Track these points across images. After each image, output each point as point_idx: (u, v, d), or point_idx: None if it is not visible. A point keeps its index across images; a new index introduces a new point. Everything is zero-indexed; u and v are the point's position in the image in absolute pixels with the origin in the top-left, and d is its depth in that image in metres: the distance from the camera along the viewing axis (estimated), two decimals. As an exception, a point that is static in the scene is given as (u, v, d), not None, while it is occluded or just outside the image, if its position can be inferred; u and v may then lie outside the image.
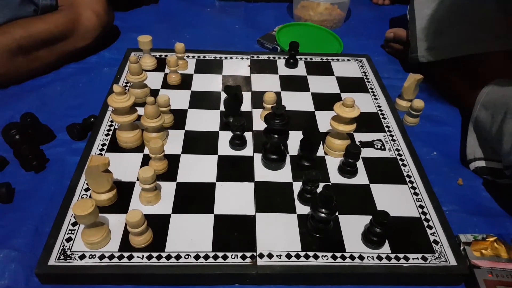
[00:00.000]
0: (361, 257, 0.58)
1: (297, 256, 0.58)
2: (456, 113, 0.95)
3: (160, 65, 0.96)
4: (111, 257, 0.56)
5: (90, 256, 0.56)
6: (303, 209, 0.65)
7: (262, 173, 0.70)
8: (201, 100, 0.86)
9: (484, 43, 0.90)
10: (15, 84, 0.93)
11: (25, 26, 0.90)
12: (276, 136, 0.67)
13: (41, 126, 0.79)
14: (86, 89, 0.95)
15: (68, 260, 0.55)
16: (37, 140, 0.77)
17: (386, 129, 0.82)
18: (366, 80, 0.96)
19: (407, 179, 0.71)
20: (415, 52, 0.99)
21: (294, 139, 0.74)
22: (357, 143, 0.78)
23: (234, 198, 0.66)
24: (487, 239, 0.62)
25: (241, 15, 1.33)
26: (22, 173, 0.73)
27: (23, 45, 0.89)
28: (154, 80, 0.91)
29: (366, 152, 0.76)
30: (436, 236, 0.62)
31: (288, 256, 0.58)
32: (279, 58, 1.02)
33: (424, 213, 0.65)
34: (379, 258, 0.58)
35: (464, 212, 0.71)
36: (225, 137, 0.77)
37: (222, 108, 0.84)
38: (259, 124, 0.80)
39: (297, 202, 0.66)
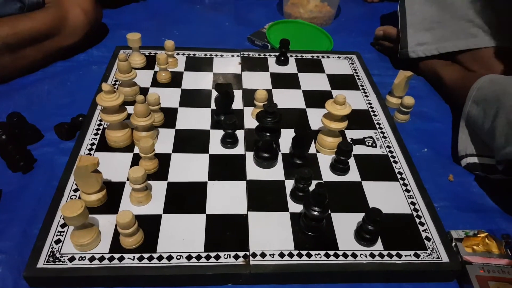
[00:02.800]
0: (354, 255, 0.58)
1: (290, 255, 0.57)
2: (446, 110, 0.95)
3: (150, 63, 0.95)
4: (101, 258, 0.55)
5: (80, 258, 0.55)
6: (295, 208, 0.64)
7: (254, 172, 0.70)
8: (192, 98, 0.86)
9: (474, 39, 0.90)
10: (2, 83, 0.92)
11: (11, 24, 0.89)
12: (268, 134, 0.66)
13: (28, 125, 0.77)
14: (74, 87, 0.93)
15: (57, 263, 0.54)
16: (24, 140, 0.76)
17: (377, 126, 0.82)
18: (356, 77, 0.96)
19: (399, 176, 0.71)
20: (405, 48, 1.00)
21: (286, 137, 0.73)
22: (349, 140, 0.78)
23: (226, 197, 0.65)
24: (478, 235, 0.63)
25: (231, 12, 1.32)
26: (9, 174, 0.72)
27: (9, 43, 0.87)
28: (144, 78, 0.90)
29: (357, 150, 0.76)
30: (428, 232, 0.62)
31: (281, 255, 0.57)
32: (270, 55, 1.02)
33: (416, 210, 0.65)
34: (372, 255, 0.58)
35: (455, 208, 0.71)
36: (216, 136, 0.76)
37: (213, 106, 0.83)
38: (250, 122, 0.80)
39: (289, 201, 0.65)
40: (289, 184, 0.68)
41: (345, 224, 0.62)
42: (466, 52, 0.91)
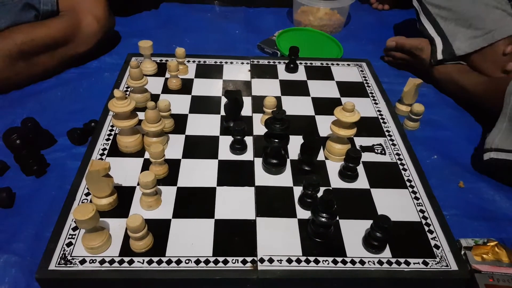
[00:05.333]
0: (362, 262, 0.58)
1: (298, 261, 0.58)
2: (456, 117, 0.95)
3: (161, 70, 0.96)
4: (111, 261, 0.56)
5: (91, 261, 0.56)
6: (303, 214, 0.64)
7: (262, 178, 0.70)
8: (202, 105, 0.87)
9: None
10: (16, 89, 0.94)
11: (26, 32, 0.91)
12: (277, 140, 0.67)
13: (42, 131, 0.79)
14: (86, 94, 0.95)
15: (68, 265, 0.55)
16: (37, 145, 0.77)
17: (387, 133, 0.82)
18: (366, 85, 0.96)
19: (408, 184, 0.71)
20: (450, 47, 1.01)
21: (295, 144, 0.74)
22: (358, 147, 0.78)
23: (234, 203, 0.66)
24: (488, 244, 0.62)
25: (241, 20, 1.33)
26: (22, 178, 0.73)
27: (24, 50, 0.89)
28: (155, 85, 0.91)
29: (366, 157, 0.76)
30: (437, 240, 0.62)
31: (289, 260, 0.58)
32: (279, 63, 1.02)
33: (425, 218, 0.65)
34: (380, 262, 0.58)
35: (465, 216, 0.71)
36: (225, 142, 0.77)
37: (222, 112, 0.84)
38: (259, 128, 0.80)
39: (297, 207, 0.66)
40: (297, 191, 0.68)
41: (353, 231, 0.62)
42: (484, 52, 0.95)
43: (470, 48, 0.99)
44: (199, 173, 0.70)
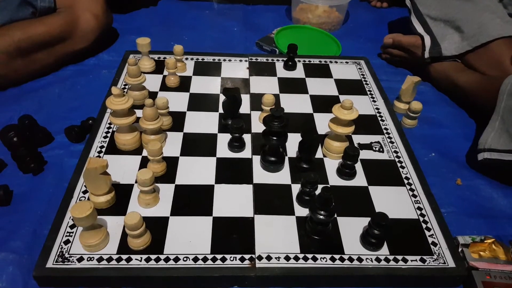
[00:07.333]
0: (359, 259, 0.58)
1: (296, 258, 0.58)
2: (454, 115, 0.95)
3: (159, 67, 0.96)
4: (109, 259, 0.56)
5: (88, 259, 0.56)
6: (301, 211, 0.65)
7: (260, 175, 0.70)
8: (200, 102, 0.86)
9: (502, 25, 0.93)
10: (14, 86, 0.93)
11: (24, 28, 0.90)
12: (275, 138, 0.67)
13: (39, 128, 0.79)
14: (84, 91, 0.95)
15: (66, 263, 0.55)
16: (35, 142, 0.77)
17: (385, 131, 0.82)
18: (364, 83, 0.96)
19: (406, 181, 0.71)
20: (438, 47, 1.01)
21: (293, 141, 0.74)
22: (356, 145, 0.78)
23: (232, 200, 0.66)
24: (485, 241, 0.62)
25: (240, 18, 1.33)
26: (20, 176, 0.73)
27: (21, 47, 0.89)
28: (153, 82, 0.91)
29: (364, 154, 0.76)
30: (434, 238, 0.62)
31: (287, 258, 0.58)
32: (278, 60, 1.02)
33: (423, 215, 0.65)
34: (378, 260, 0.58)
35: (462, 214, 0.71)
36: (223, 139, 0.77)
37: (220, 110, 0.84)
38: (257, 126, 0.80)
39: (295, 204, 0.66)
40: (296, 188, 0.68)
41: (351, 229, 0.62)
42: (478, 51, 0.94)
43: (456, 50, 0.99)
44: (197, 170, 0.70)
